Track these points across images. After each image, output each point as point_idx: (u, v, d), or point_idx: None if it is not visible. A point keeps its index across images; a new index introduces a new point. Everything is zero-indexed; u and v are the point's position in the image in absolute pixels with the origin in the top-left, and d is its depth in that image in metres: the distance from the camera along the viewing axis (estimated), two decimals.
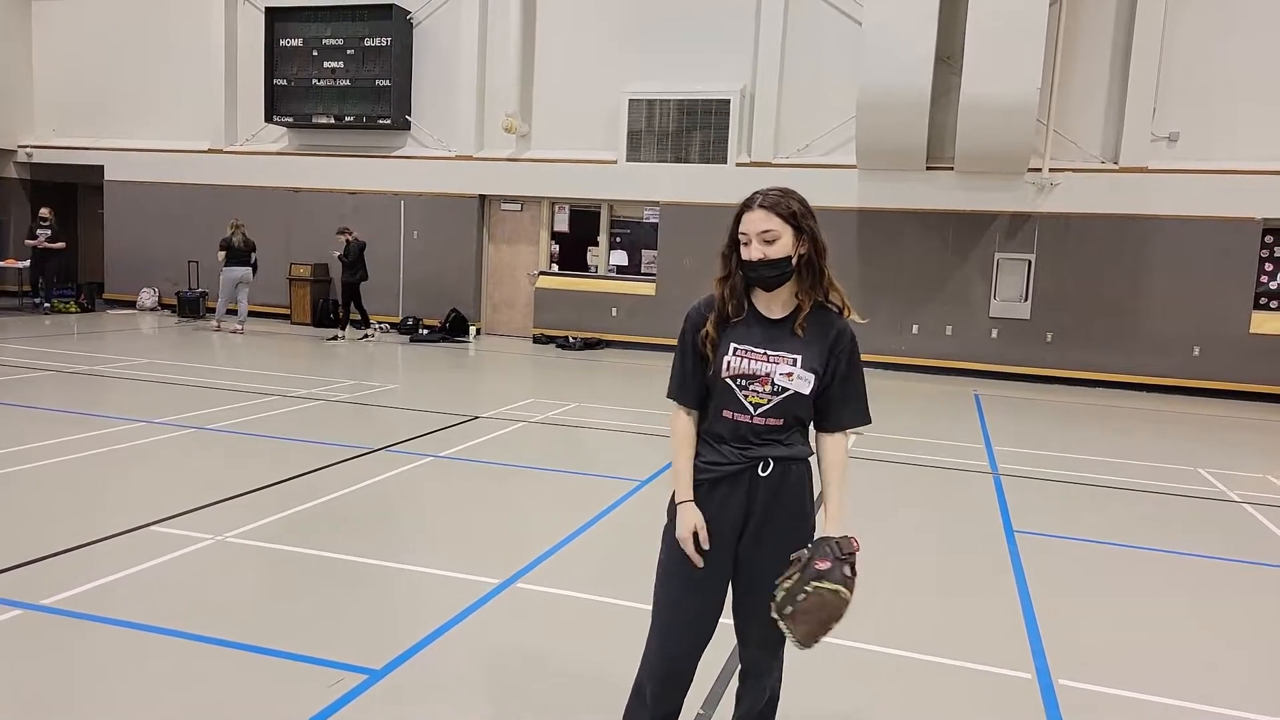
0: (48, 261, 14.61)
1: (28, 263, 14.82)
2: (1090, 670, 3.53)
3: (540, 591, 4.08)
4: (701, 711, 3.02)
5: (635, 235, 14.32)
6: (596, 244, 14.42)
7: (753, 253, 2.28)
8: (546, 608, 3.93)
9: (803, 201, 2.31)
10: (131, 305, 15.88)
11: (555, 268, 14.59)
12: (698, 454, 2.38)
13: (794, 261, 2.28)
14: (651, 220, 13.89)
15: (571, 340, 13.74)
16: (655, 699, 2.41)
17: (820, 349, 2.32)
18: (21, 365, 9.54)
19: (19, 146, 16.38)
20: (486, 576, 4.19)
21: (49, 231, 14.48)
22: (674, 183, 13.28)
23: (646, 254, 14.12)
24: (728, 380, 2.31)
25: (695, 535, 2.31)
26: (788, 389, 2.29)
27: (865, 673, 3.46)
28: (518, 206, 14.55)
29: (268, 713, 2.93)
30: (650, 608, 2.45)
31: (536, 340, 14.19)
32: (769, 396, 2.29)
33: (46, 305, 14.44)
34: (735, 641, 2.50)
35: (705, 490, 2.35)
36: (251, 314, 14.18)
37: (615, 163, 13.56)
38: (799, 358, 2.30)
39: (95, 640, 3.41)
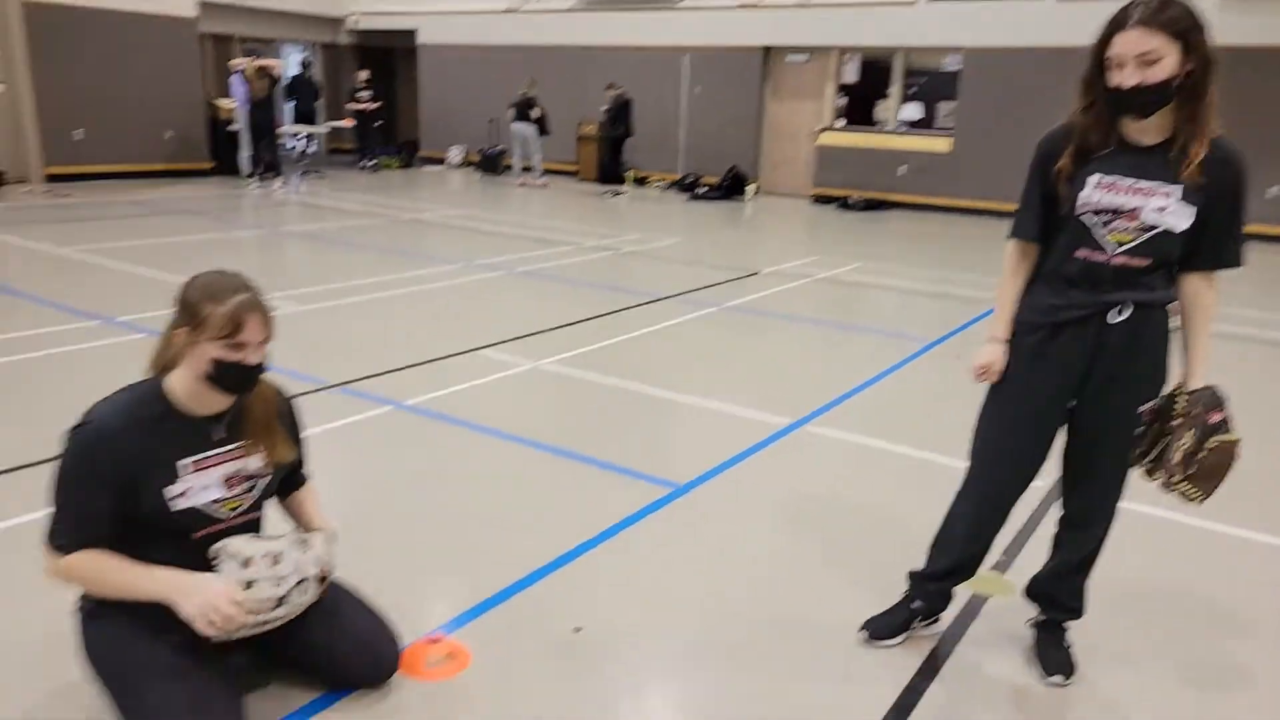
0: (369, 122, 16.20)
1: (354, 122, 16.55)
2: None
3: (831, 436, 4.16)
4: (1003, 558, 2.99)
5: (931, 85, 13.33)
6: (886, 97, 13.62)
7: (1126, 78, 1.97)
8: (833, 450, 4.01)
9: (1189, 9, 1.97)
10: (441, 162, 17.37)
11: (840, 124, 14.02)
12: (1037, 297, 2.23)
13: (1175, 84, 1.98)
14: (951, 69, 12.84)
15: (853, 201, 13.29)
16: (965, 536, 2.42)
17: (1201, 179, 2.03)
18: (359, 213, 10.85)
19: (349, 14, 18.04)
20: (777, 417, 4.33)
21: (369, 93, 15.98)
22: (980, 25, 12.10)
23: (943, 106, 13.13)
24: (1085, 216, 2.11)
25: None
26: (1158, 225, 2.06)
27: (1234, 558, 3.24)
28: (804, 57, 13.98)
29: (585, 509, 3.29)
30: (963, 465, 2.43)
31: (816, 201, 13.88)
32: (1135, 234, 2.07)
33: (372, 162, 16.13)
34: (1060, 492, 2.42)
35: (1043, 336, 2.20)
36: (551, 172, 15.01)
37: (913, 3, 12.57)
38: (1176, 189, 2.04)
39: (446, 435, 3.98)
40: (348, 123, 15.88)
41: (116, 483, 1.94)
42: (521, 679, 2.33)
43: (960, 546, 2.44)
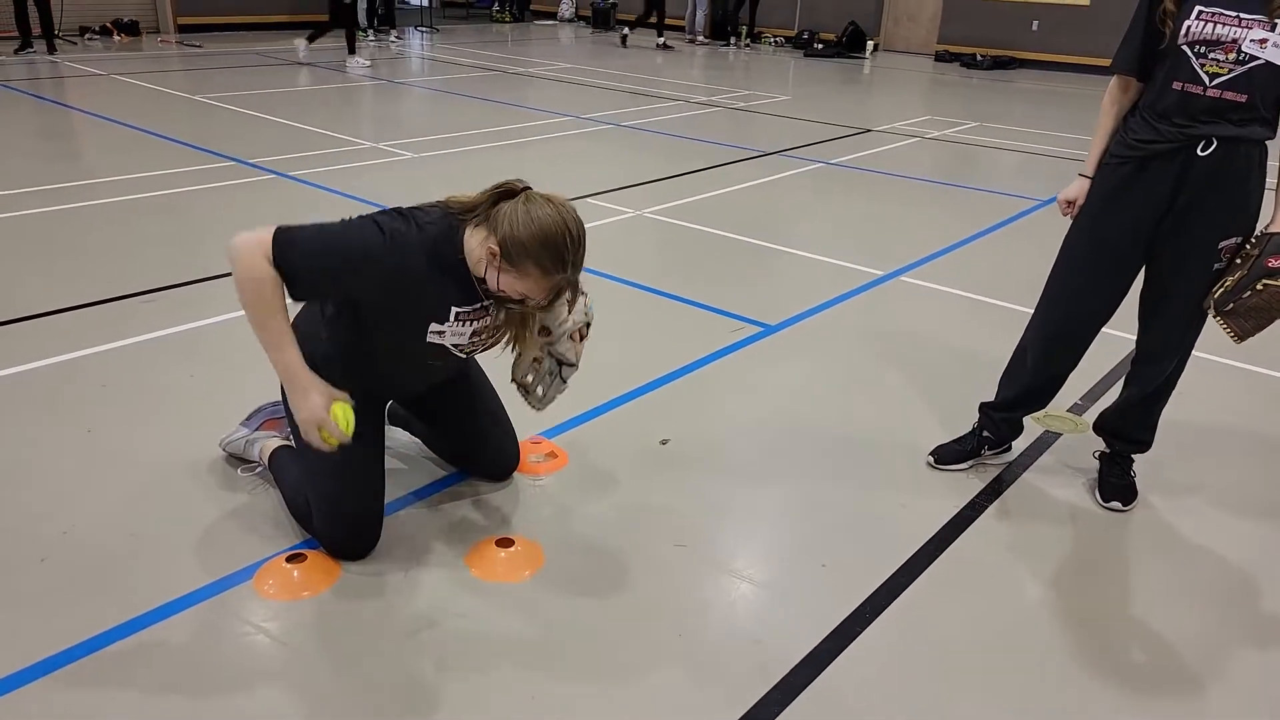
0: None
1: None
2: None
3: (926, 287, 4.20)
4: (1079, 402, 3.06)
5: None
6: None
7: None
8: (927, 299, 4.06)
9: None
10: (553, 17, 17.13)
11: None
12: (1131, 130, 2.23)
13: None
14: None
15: (980, 58, 12.57)
16: (1038, 362, 2.49)
17: None
18: (474, 66, 10.94)
19: None
20: (872, 268, 4.38)
21: None
22: None
23: None
24: (1183, 47, 2.08)
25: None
26: (1258, 58, 2.02)
27: None
28: None
29: (684, 343, 3.48)
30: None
31: (939, 58, 13.18)
32: (1230, 66, 2.05)
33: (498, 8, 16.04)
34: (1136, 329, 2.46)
35: (1131, 169, 2.22)
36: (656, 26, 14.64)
37: None
38: (1278, 23, 2.00)
39: None
40: None
41: (383, 304, 2.01)
42: (611, 477, 2.59)
43: (1029, 377, 2.53)
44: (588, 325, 2.26)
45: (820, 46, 13.62)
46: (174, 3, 12.33)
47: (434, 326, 2.06)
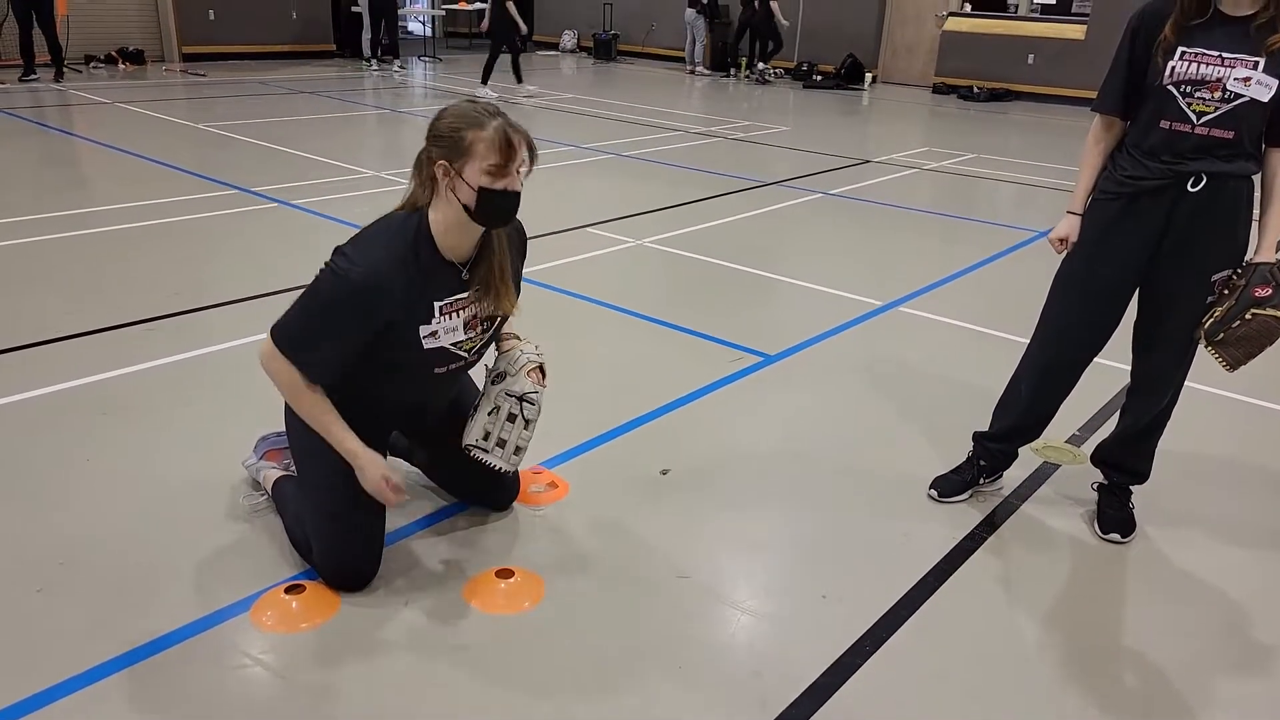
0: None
1: (474, 5, 16.59)
2: None
3: (924, 317, 4.23)
4: (1077, 433, 3.07)
5: None
6: None
7: None
8: (925, 330, 4.08)
9: None
10: (555, 47, 17.31)
11: (968, 7, 13.28)
12: (1120, 167, 2.27)
13: None
14: None
15: (976, 91, 12.71)
16: (1032, 394, 2.52)
17: None
18: (474, 95, 11.05)
19: None
20: (871, 298, 4.40)
21: None
22: None
23: None
24: (1169, 86, 2.14)
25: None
26: (1242, 95, 2.08)
27: None
28: None
29: (684, 372, 3.49)
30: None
31: (936, 90, 13.31)
32: (1217, 104, 2.10)
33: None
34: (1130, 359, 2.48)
35: (1122, 205, 2.26)
36: (657, 57, 14.84)
37: None
38: (1260, 60, 2.05)
39: (560, 303, 4.20)
40: (462, 4, 15.94)
41: (377, 326, 1.99)
42: (611, 507, 2.59)
43: (1023, 408, 2.55)
44: (542, 368, 2.31)
45: (819, 78, 13.77)
46: (179, 32, 12.47)
47: (424, 330, 2.07)
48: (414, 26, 17.39)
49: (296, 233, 5.09)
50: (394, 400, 2.23)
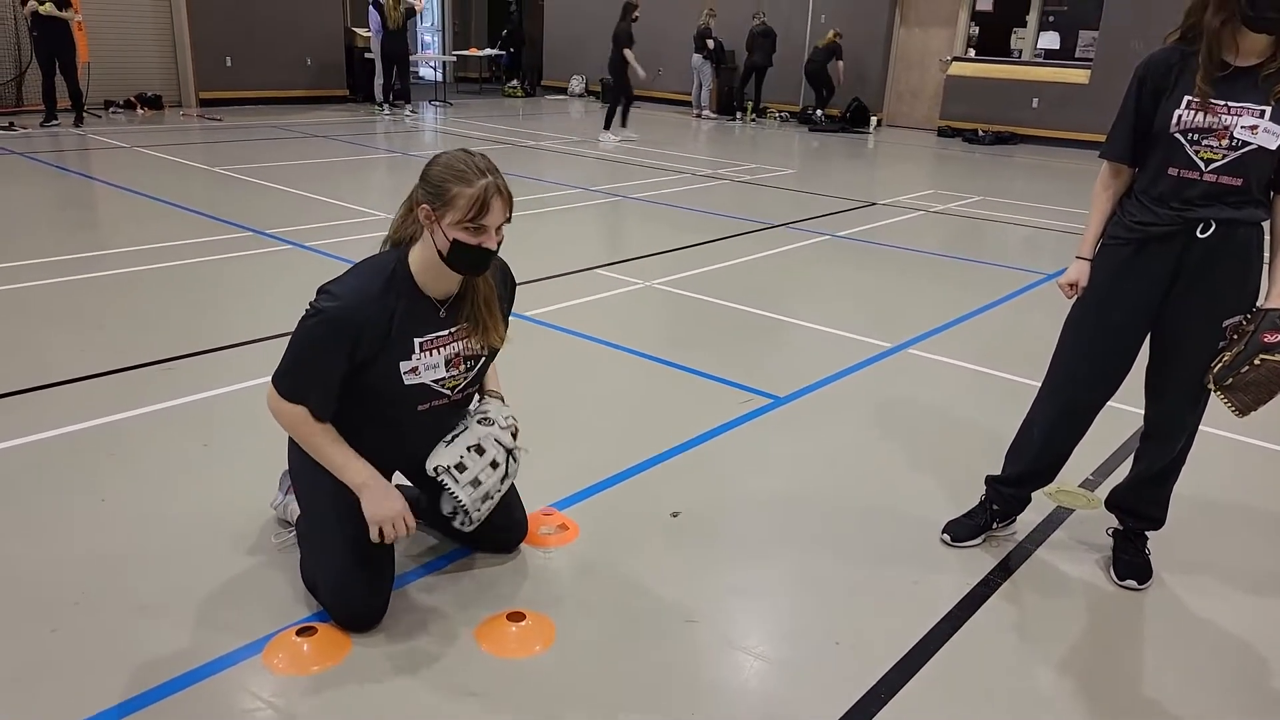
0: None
1: (485, 51, 16.93)
2: None
3: (934, 359, 4.23)
4: (1091, 477, 3.06)
5: (1073, 14, 12.63)
6: (1024, 24, 12.98)
7: None
8: (935, 372, 4.09)
9: None
10: (563, 91, 17.58)
11: (972, 53, 13.47)
12: (1129, 213, 2.29)
13: None
14: None
15: (981, 134, 12.84)
16: (1041, 444, 2.51)
17: None
18: (486, 139, 11.21)
19: None
20: (880, 340, 4.42)
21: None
22: None
23: (1084, 35, 12.44)
24: (1176, 135, 2.17)
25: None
26: (1250, 143, 2.10)
27: None
28: None
29: (694, 414, 3.50)
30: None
31: (941, 134, 13.45)
32: (1225, 152, 2.12)
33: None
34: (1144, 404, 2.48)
35: (1132, 250, 2.28)
36: (664, 101, 15.04)
37: None
38: (1267, 109, 2.08)
39: (570, 345, 4.23)
40: (472, 50, 16.24)
41: (358, 359, 2.05)
42: (622, 550, 2.58)
43: (1035, 453, 2.54)
44: (515, 432, 2.37)
45: (824, 121, 13.93)
46: (197, 78, 12.70)
47: (404, 365, 2.12)
48: (425, 72, 17.68)
49: (309, 274, 5.13)
50: (378, 439, 2.23)
